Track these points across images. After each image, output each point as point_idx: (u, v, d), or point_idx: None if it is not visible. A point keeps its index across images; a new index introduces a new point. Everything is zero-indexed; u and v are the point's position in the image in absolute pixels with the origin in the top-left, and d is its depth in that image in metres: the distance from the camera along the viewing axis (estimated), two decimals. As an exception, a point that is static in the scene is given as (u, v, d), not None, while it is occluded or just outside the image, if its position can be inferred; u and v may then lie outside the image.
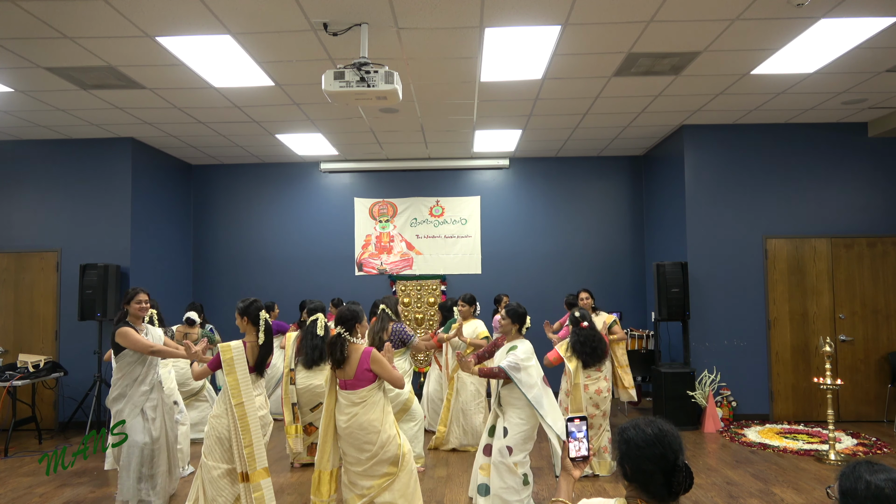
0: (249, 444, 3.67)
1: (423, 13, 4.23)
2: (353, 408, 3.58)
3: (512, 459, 3.97)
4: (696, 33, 4.66)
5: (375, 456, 3.56)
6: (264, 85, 5.59)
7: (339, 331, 3.66)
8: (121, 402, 4.24)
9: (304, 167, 8.95)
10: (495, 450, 4.05)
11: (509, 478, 3.97)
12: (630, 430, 1.78)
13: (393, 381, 3.66)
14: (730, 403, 6.89)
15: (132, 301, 4.34)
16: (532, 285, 8.62)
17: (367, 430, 3.55)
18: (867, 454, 5.68)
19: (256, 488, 3.65)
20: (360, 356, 3.62)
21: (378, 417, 3.60)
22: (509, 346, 4.16)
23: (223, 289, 8.79)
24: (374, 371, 3.61)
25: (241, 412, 3.68)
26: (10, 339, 7.24)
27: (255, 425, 3.70)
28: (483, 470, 4.11)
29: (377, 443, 3.56)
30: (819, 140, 7.21)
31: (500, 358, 4.16)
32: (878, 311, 7.04)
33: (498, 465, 4.00)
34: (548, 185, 8.87)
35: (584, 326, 4.99)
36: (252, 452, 3.66)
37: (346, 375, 3.63)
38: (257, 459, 3.68)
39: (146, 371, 4.32)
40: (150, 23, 4.30)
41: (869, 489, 1.55)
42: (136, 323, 4.35)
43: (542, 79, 5.56)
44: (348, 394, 3.61)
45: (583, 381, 5.02)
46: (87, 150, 7.37)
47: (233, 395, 3.70)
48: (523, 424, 4.00)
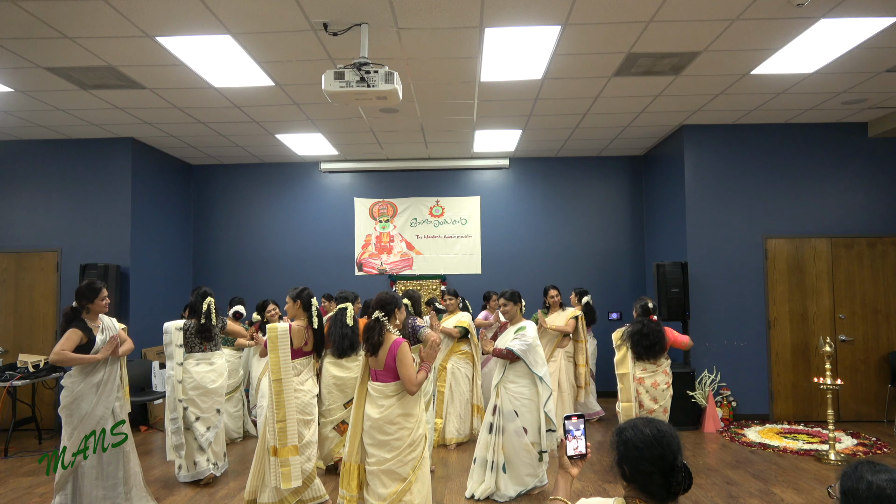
0: (283, 419, 3.86)
1: (423, 13, 4.23)
2: (387, 400, 3.46)
3: (529, 439, 4.33)
4: (696, 33, 4.66)
5: (400, 453, 3.41)
6: (264, 85, 5.59)
7: (378, 315, 3.54)
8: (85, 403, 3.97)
9: (304, 167, 8.94)
10: (511, 430, 4.35)
11: (526, 456, 4.36)
12: (628, 430, 1.77)
13: (406, 380, 3.41)
14: (730, 403, 6.89)
15: (96, 299, 4.07)
16: (532, 285, 8.58)
17: (398, 426, 3.41)
18: (867, 454, 5.68)
19: (284, 463, 3.83)
20: (389, 346, 3.47)
21: (413, 414, 3.47)
22: (517, 326, 4.45)
23: (223, 289, 8.75)
24: (396, 363, 3.43)
25: (278, 388, 3.89)
26: (10, 339, 7.23)
27: (291, 404, 3.89)
28: (490, 447, 4.43)
29: (403, 443, 3.41)
30: (819, 140, 7.21)
31: (506, 340, 4.43)
32: (878, 311, 7.03)
33: (516, 444, 4.34)
34: (548, 185, 8.87)
35: (654, 319, 4.98)
36: (284, 428, 3.86)
37: (377, 365, 3.51)
38: (289, 436, 3.86)
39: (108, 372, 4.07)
40: (150, 23, 4.30)
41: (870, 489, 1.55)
42: (94, 319, 4.10)
43: (542, 79, 5.56)
44: (381, 386, 3.48)
45: (637, 372, 4.96)
46: (87, 150, 7.37)
47: (273, 371, 3.90)
48: (530, 403, 4.35)
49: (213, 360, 5.07)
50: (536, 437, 4.40)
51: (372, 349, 3.51)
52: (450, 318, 6.25)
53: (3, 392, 6.07)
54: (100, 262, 7.02)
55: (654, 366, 4.96)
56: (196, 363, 4.98)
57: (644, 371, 4.96)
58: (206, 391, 4.95)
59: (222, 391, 5.12)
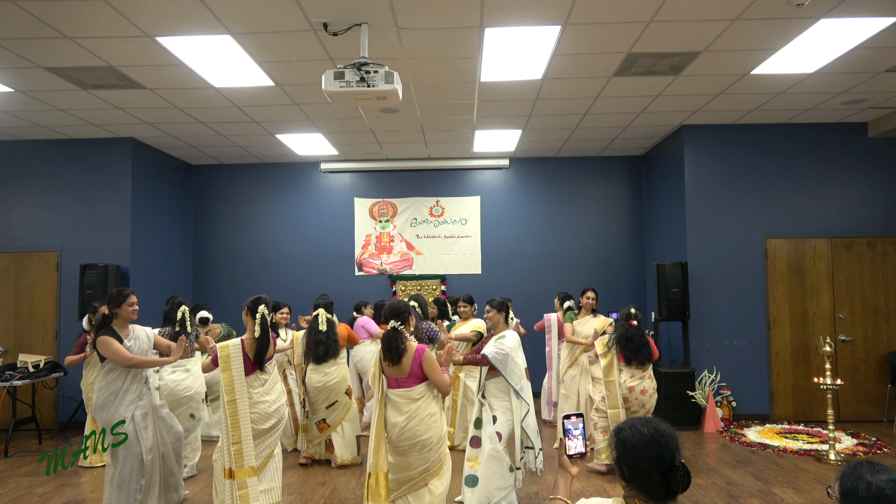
0: (238, 441, 3.67)
1: (423, 13, 4.23)
2: (413, 404, 3.48)
3: (501, 445, 4.04)
4: (696, 33, 4.66)
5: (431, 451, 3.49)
6: (264, 85, 5.59)
7: (394, 324, 3.53)
8: (105, 411, 4.00)
9: (304, 167, 8.95)
10: (485, 436, 4.11)
11: (496, 463, 4.02)
12: (626, 430, 1.77)
13: (441, 385, 3.51)
14: (730, 403, 6.89)
15: (124, 304, 4.06)
16: (532, 285, 8.61)
17: (427, 426, 3.46)
18: (867, 454, 5.68)
19: (241, 486, 3.65)
20: (413, 353, 3.51)
21: (437, 412, 3.53)
22: (498, 336, 4.26)
23: (223, 289, 8.79)
24: (425, 371, 3.49)
25: (232, 409, 3.70)
26: (10, 339, 7.24)
27: (246, 423, 3.69)
28: (470, 461, 4.14)
29: (434, 439, 3.49)
30: (819, 140, 7.21)
31: (487, 348, 4.22)
32: (878, 311, 7.03)
33: (488, 450, 4.05)
34: (548, 185, 8.87)
35: (634, 325, 4.98)
36: (240, 450, 3.67)
37: (399, 373, 3.51)
38: (245, 457, 3.67)
39: (130, 380, 4.08)
40: (150, 23, 4.30)
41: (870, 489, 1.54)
42: (123, 327, 4.09)
43: (542, 79, 5.56)
44: (406, 391, 3.50)
45: (627, 380, 4.96)
46: (87, 150, 7.37)
47: (226, 391, 3.72)
48: (510, 413, 4.09)
49: (188, 367, 5.15)
50: (511, 445, 4.08)
51: (396, 358, 3.49)
52: (464, 325, 5.98)
53: (3, 392, 6.08)
54: (100, 262, 7.02)
55: (641, 371, 5.00)
56: (172, 370, 5.05)
57: (633, 378, 4.98)
58: (180, 399, 5.02)
59: (200, 396, 5.20)
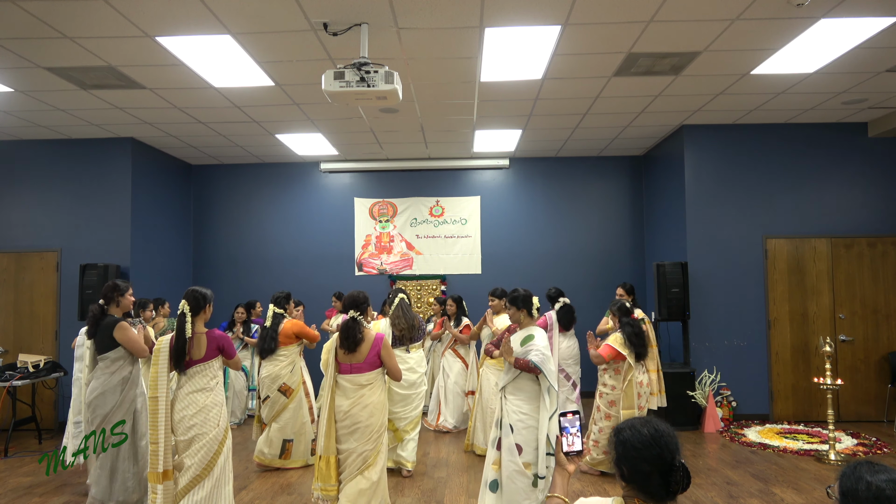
0: (155, 441, 3.49)
1: (423, 13, 4.23)
2: (361, 390, 3.71)
3: (522, 459, 3.67)
4: (696, 33, 4.66)
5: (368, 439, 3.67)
6: (264, 85, 5.59)
7: (354, 314, 3.74)
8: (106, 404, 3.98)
9: (304, 167, 8.94)
10: (504, 447, 3.76)
11: (519, 478, 3.66)
12: (626, 430, 1.77)
13: (393, 372, 3.80)
14: (730, 403, 6.89)
15: (126, 294, 4.11)
16: (532, 285, 8.47)
17: (370, 412, 3.67)
18: (867, 454, 5.67)
19: (153, 490, 3.44)
20: (372, 340, 3.74)
21: (382, 401, 3.76)
22: (525, 334, 3.86)
23: (223, 289, 8.77)
24: (382, 358, 3.76)
25: (153, 406, 3.55)
26: (10, 339, 7.24)
27: (163, 426, 3.50)
28: (495, 465, 3.80)
29: (375, 426, 3.70)
30: (819, 140, 7.21)
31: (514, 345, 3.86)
32: (878, 311, 7.03)
33: (507, 463, 3.70)
34: (548, 185, 8.86)
35: (635, 318, 4.94)
36: (156, 451, 3.47)
37: (355, 359, 3.75)
38: (160, 460, 3.45)
39: (136, 371, 4.11)
40: (150, 23, 4.30)
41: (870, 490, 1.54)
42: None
43: (542, 79, 5.56)
44: (355, 377, 3.72)
45: (638, 375, 4.92)
46: (87, 150, 7.37)
47: (150, 387, 3.59)
48: (528, 419, 3.71)
49: None
50: (533, 457, 3.70)
51: (353, 346, 3.70)
52: (497, 318, 5.81)
53: (3, 392, 6.08)
54: (100, 262, 7.02)
55: (642, 365, 5.04)
56: None
57: (640, 373, 4.99)
58: None
59: None
